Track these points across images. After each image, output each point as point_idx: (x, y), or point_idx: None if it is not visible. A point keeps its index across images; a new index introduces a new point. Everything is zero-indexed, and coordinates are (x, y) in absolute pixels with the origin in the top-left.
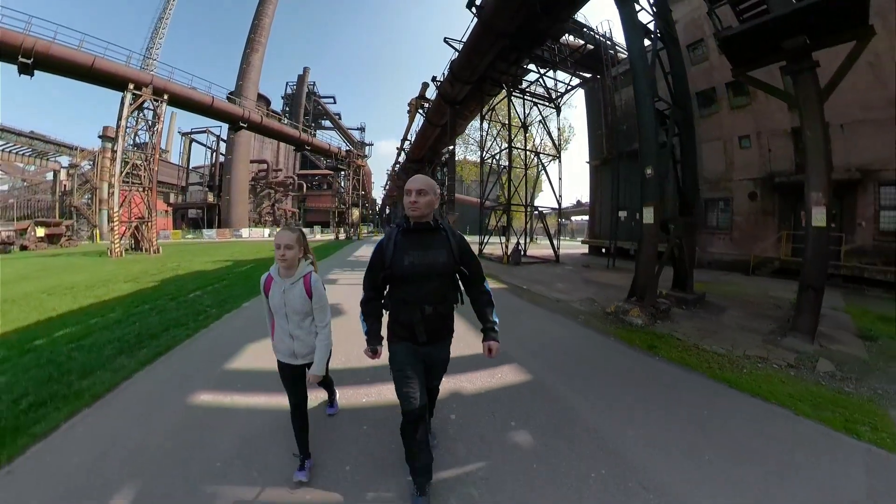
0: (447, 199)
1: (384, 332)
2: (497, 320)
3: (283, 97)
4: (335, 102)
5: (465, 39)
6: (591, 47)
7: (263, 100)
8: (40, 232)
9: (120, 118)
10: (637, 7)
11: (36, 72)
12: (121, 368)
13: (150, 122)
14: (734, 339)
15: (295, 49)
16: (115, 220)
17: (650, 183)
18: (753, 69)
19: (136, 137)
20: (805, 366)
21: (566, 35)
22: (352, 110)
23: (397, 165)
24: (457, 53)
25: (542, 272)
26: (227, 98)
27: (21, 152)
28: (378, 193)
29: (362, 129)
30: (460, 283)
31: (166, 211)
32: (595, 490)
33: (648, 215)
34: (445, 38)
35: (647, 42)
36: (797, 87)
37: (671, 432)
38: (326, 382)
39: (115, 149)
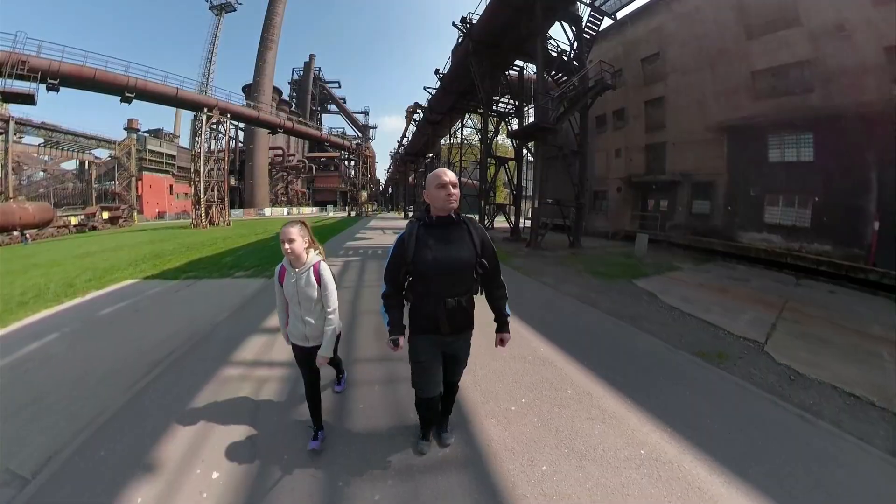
0: None
1: (404, 321)
2: (510, 313)
3: (289, 83)
4: (340, 87)
5: (436, 87)
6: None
7: (276, 91)
8: (105, 215)
9: (197, 133)
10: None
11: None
12: (321, 241)
13: (218, 134)
14: (545, 255)
15: (300, 31)
16: (202, 202)
17: (536, 192)
18: (527, 143)
19: (197, 145)
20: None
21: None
22: (355, 86)
23: (399, 153)
24: (432, 94)
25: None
26: (246, 103)
27: (37, 143)
28: (381, 174)
29: (366, 113)
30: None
31: (186, 194)
32: None
33: (536, 204)
34: (424, 86)
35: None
36: (536, 151)
37: None
38: (336, 362)
39: (195, 152)
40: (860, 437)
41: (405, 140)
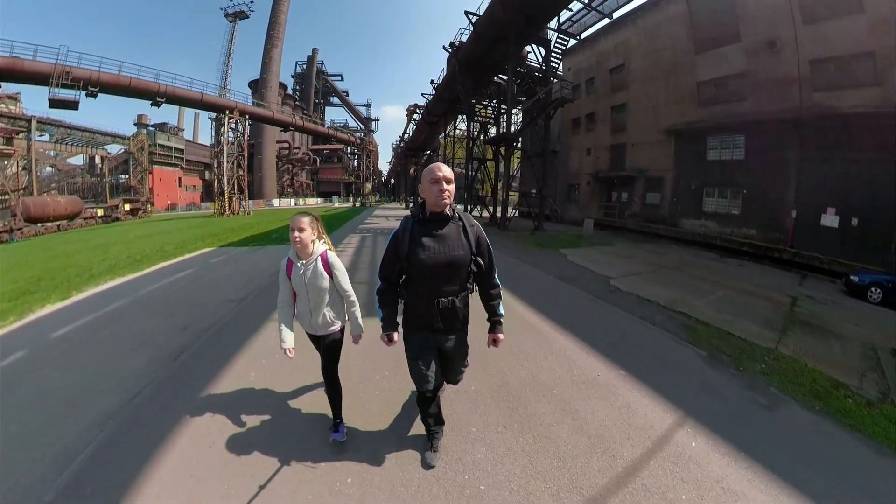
0: None
1: (399, 318)
2: (503, 313)
3: (293, 76)
4: (342, 80)
5: (432, 94)
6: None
7: (281, 86)
8: (126, 207)
9: (219, 133)
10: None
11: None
12: (339, 224)
13: (238, 133)
14: (510, 234)
15: (303, 25)
16: (225, 193)
17: (504, 187)
18: (500, 147)
19: (217, 142)
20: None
21: None
22: (358, 77)
23: (400, 147)
24: (429, 99)
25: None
26: (254, 103)
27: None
28: (382, 165)
29: (368, 105)
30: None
31: (194, 186)
32: None
33: (504, 196)
34: (422, 93)
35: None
36: (505, 153)
37: None
38: (335, 397)
39: (216, 150)
40: (626, 311)
41: (406, 135)
